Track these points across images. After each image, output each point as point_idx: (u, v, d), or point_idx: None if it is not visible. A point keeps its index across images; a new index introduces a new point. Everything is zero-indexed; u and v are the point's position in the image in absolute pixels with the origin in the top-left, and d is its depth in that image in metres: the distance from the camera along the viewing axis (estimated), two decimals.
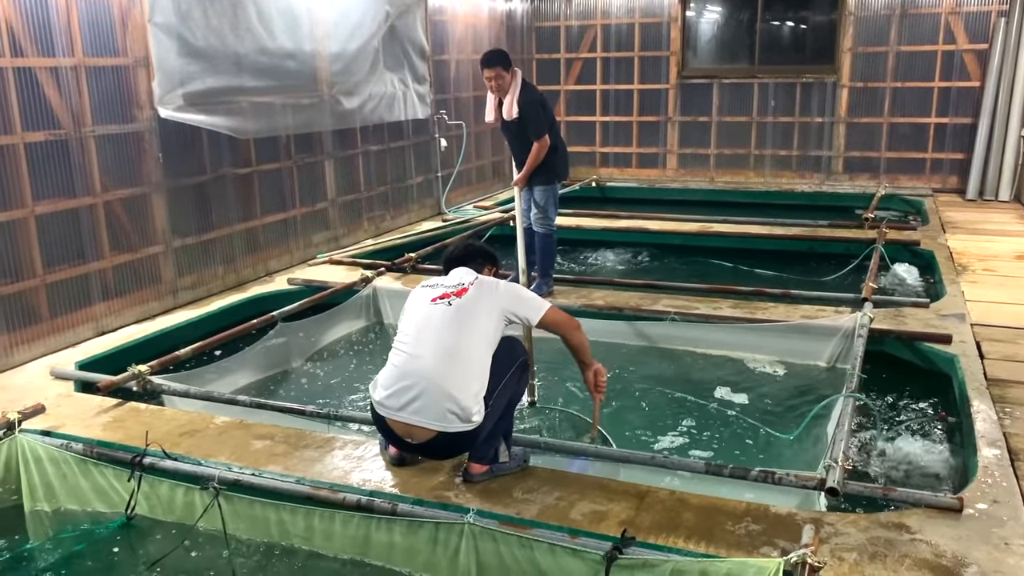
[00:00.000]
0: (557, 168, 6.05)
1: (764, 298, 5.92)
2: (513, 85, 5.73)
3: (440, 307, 3.35)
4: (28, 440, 3.76)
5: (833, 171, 10.60)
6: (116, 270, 5.47)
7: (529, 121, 5.74)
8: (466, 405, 3.19)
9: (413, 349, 3.29)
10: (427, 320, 3.34)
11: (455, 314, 3.32)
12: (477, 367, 3.27)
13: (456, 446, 3.32)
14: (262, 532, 3.38)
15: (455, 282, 3.47)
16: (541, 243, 6.05)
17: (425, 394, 3.20)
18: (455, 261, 3.67)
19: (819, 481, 3.26)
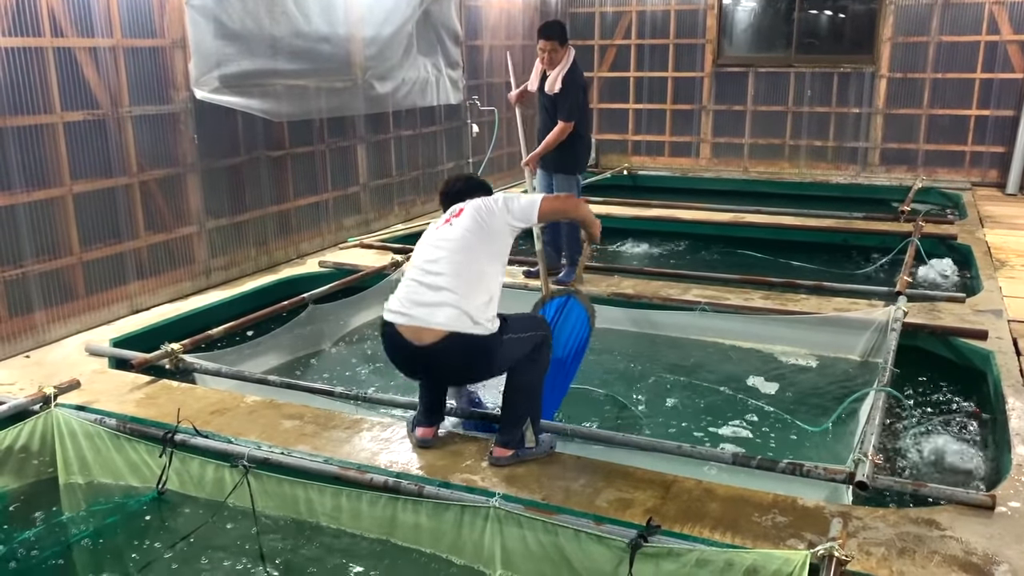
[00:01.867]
0: (580, 158, 6.03)
1: (796, 290, 5.86)
2: (564, 61, 5.71)
3: (444, 229, 3.46)
4: (63, 414, 3.83)
5: (869, 163, 10.44)
6: (151, 249, 5.54)
7: (565, 100, 5.72)
8: (475, 311, 3.24)
9: (421, 266, 3.40)
10: (433, 243, 3.45)
11: (457, 232, 3.41)
12: (486, 279, 3.35)
13: (467, 355, 3.29)
14: (290, 510, 3.42)
15: (454, 210, 3.56)
16: (568, 232, 6.02)
17: (435, 301, 3.27)
18: (455, 196, 3.68)
19: (848, 475, 3.23)
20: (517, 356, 3.36)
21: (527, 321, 3.51)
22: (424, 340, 3.26)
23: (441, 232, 3.47)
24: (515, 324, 3.39)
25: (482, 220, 3.44)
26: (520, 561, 3.06)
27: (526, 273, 6.10)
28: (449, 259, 3.35)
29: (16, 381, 4.30)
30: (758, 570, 2.68)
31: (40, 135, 4.76)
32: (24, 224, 4.72)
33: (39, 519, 3.50)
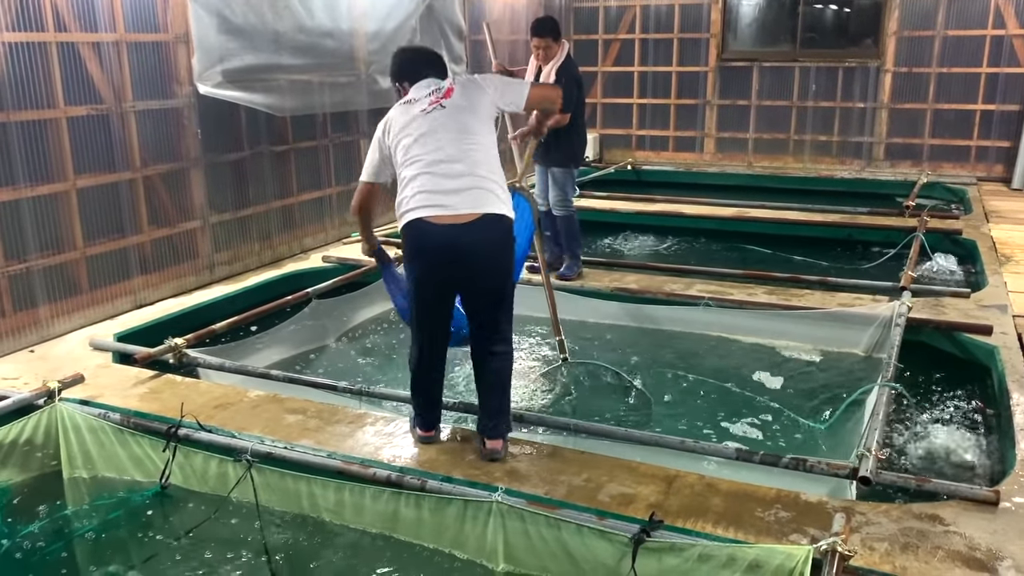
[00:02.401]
0: (576, 151, 6.02)
1: (800, 285, 5.85)
2: (558, 56, 5.71)
3: (435, 112, 3.32)
4: (67, 409, 3.84)
5: (874, 158, 10.42)
6: (154, 244, 5.54)
7: (563, 95, 5.68)
8: (499, 190, 3.28)
9: (432, 156, 3.25)
10: (430, 127, 3.29)
11: (454, 113, 3.32)
12: (492, 159, 3.35)
13: (502, 238, 3.30)
14: (293, 505, 3.42)
15: (433, 88, 3.41)
16: (565, 226, 6.02)
17: (460, 187, 3.22)
18: (425, 66, 3.52)
19: (851, 470, 3.23)
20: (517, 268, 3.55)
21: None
22: (462, 221, 3.19)
23: (435, 116, 3.30)
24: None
25: (477, 100, 3.38)
26: (523, 556, 3.06)
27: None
28: (457, 144, 3.25)
29: (20, 376, 4.31)
30: (761, 565, 2.67)
31: (44, 130, 4.77)
32: (28, 219, 4.73)
33: (43, 513, 3.51)
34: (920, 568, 2.69)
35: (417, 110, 3.35)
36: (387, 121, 3.46)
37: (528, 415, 3.96)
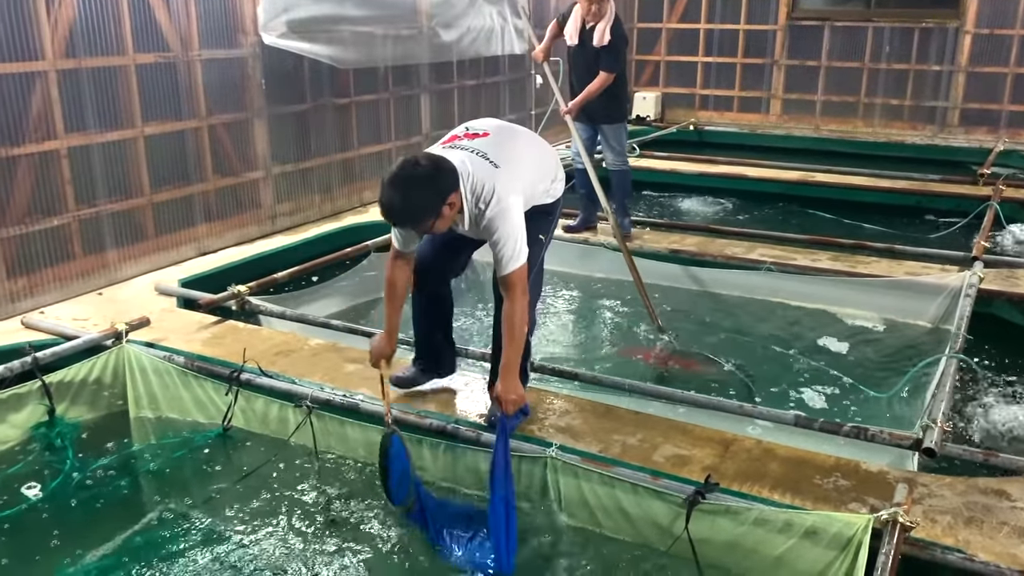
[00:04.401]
0: (625, 106, 6.09)
1: (866, 252, 5.70)
2: (609, 14, 5.65)
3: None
4: (134, 350, 3.95)
5: (948, 123, 10.02)
6: (218, 193, 5.63)
7: (615, 53, 5.72)
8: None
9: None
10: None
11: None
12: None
13: None
14: (350, 451, 3.49)
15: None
16: (619, 180, 5.98)
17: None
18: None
19: (915, 441, 3.15)
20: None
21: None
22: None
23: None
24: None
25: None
26: (577, 510, 3.07)
27: (566, 228, 6.07)
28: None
29: (90, 317, 4.44)
30: (818, 532, 2.64)
31: (113, 76, 4.84)
32: (98, 164, 4.83)
33: (111, 449, 3.63)
34: (984, 543, 2.62)
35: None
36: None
37: (583, 374, 3.94)
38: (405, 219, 2.87)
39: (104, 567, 2.89)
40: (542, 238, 3.28)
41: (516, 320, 3.00)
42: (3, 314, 4.41)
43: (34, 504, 3.25)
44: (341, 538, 3.05)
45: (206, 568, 2.89)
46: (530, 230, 3.05)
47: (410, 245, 3.17)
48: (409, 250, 3.18)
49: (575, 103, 5.78)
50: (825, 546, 2.62)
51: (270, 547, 2.98)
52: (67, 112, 4.61)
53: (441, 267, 3.39)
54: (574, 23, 5.78)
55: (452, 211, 2.87)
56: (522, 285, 2.98)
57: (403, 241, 3.16)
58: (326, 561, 2.92)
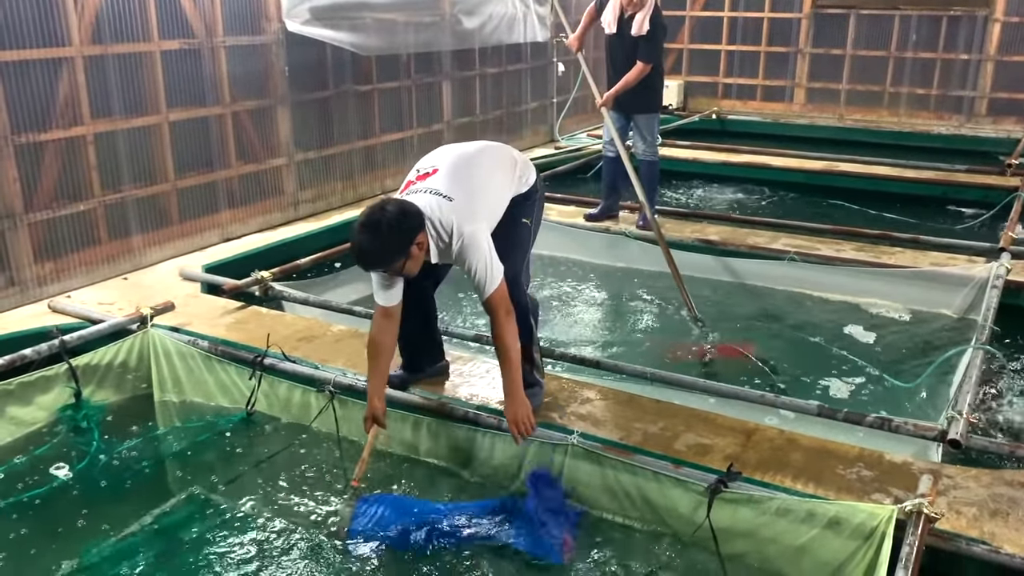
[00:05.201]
0: (660, 97, 6.08)
1: (891, 242, 5.64)
2: (649, 3, 5.64)
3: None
4: (159, 334, 3.99)
5: (975, 113, 9.88)
6: (242, 179, 5.66)
7: (653, 44, 5.69)
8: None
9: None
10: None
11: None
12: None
13: None
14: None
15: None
16: (648, 171, 5.94)
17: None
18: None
19: (940, 432, 3.13)
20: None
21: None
22: None
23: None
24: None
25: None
26: (597, 498, 3.07)
27: (587, 216, 6.06)
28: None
29: (115, 301, 4.48)
30: (841, 522, 2.63)
31: (139, 63, 4.87)
32: (123, 150, 4.87)
33: (136, 432, 3.67)
34: (1010, 536, 2.60)
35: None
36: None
37: (605, 362, 3.94)
38: (376, 261, 2.90)
39: (130, 547, 2.93)
40: (526, 221, 3.27)
41: (508, 342, 3.05)
42: (31, 298, 4.47)
43: (62, 484, 3.30)
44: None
45: (229, 549, 2.92)
46: (513, 216, 3.16)
47: (392, 298, 3.11)
48: (393, 304, 3.12)
49: (611, 93, 5.75)
50: (848, 536, 2.60)
51: (292, 531, 3.01)
52: (93, 98, 4.65)
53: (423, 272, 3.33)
54: (612, 11, 5.75)
55: (420, 251, 2.93)
56: (505, 306, 3.03)
57: (385, 293, 3.11)
58: (348, 546, 2.93)
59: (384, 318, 3.16)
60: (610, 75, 5.89)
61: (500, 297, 3.01)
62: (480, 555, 2.90)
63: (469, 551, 2.92)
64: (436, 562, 2.88)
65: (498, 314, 3.02)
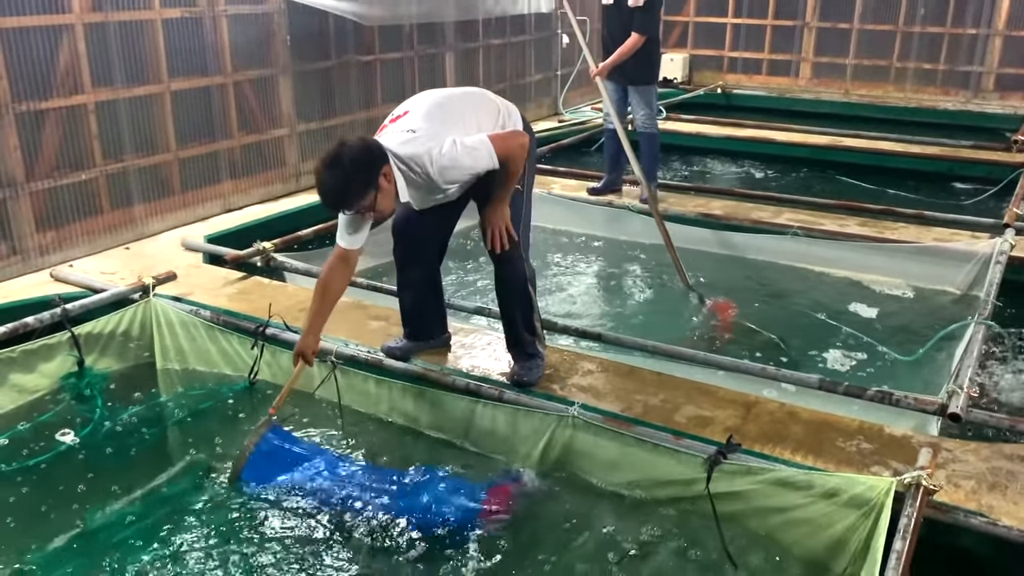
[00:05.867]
0: (656, 67, 6.01)
1: (895, 218, 5.62)
2: None
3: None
4: (161, 304, 3.99)
5: (983, 89, 9.82)
6: (243, 150, 5.64)
7: (649, 14, 5.65)
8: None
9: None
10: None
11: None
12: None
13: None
14: (373, 407, 3.52)
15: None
16: (648, 144, 5.91)
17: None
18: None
19: (940, 406, 3.13)
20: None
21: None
22: None
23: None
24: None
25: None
26: (597, 469, 3.09)
27: (591, 191, 6.04)
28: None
29: (117, 271, 4.48)
30: (840, 493, 2.64)
31: (140, 31, 4.84)
32: (124, 119, 4.85)
33: (139, 400, 3.69)
34: (1008, 508, 2.61)
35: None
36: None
37: (607, 334, 3.94)
38: (344, 198, 2.82)
39: (133, 512, 2.95)
40: (518, 187, 3.15)
41: (509, 168, 2.98)
42: (33, 267, 4.47)
43: (66, 450, 3.32)
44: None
45: (231, 515, 2.94)
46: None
47: (355, 242, 3.05)
48: (354, 248, 3.07)
49: (606, 64, 5.71)
50: (847, 507, 2.62)
51: (295, 498, 3.02)
52: (94, 66, 4.62)
53: (428, 235, 3.34)
54: None
55: (390, 184, 2.85)
56: (508, 145, 2.95)
57: (350, 236, 3.04)
58: (350, 513, 2.95)
59: (341, 261, 3.10)
60: (607, 46, 5.84)
61: (503, 149, 2.94)
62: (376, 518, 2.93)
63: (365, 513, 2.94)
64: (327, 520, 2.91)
65: (511, 156, 2.95)
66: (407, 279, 3.45)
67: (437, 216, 3.28)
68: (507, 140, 2.99)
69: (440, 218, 3.31)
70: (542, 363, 3.44)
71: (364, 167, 2.78)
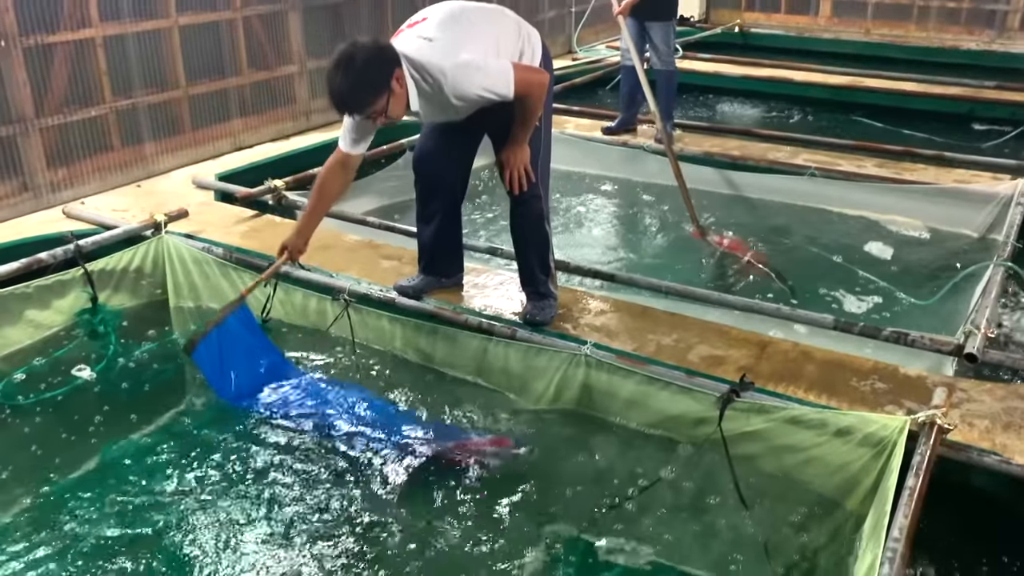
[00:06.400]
0: (674, 4, 5.86)
1: (914, 159, 5.53)
2: None
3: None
4: (173, 241, 3.98)
5: (1008, 28, 9.56)
6: (253, 88, 5.57)
7: None
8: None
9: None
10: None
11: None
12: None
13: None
14: (387, 344, 3.53)
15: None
16: (665, 82, 5.80)
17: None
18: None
19: (956, 346, 3.11)
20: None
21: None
22: None
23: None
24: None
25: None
26: (610, 407, 3.09)
27: (605, 130, 5.96)
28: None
29: (128, 208, 4.47)
30: (853, 432, 2.63)
31: None
32: (133, 55, 4.79)
33: (152, 336, 3.71)
34: (1021, 447, 2.60)
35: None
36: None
37: (620, 275, 3.92)
38: (356, 99, 2.72)
39: (149, 446, 2.99)
40: (536, 124, 3.07)
41: (528, 106, 2.90)
42: (45, 204, 4.47)
43: (82, 385, 3.35)
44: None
45: (245, 449, 2.98)
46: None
47: (358, 147, 3.02)
48: (356, 151, 3.02)
49: (626, 4, 5.56)
50: (859, 445, 2.61)
51: (309, 432, 3.05)
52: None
53: (449, 170, 3.31)
54: None
55: (402, 89, 2.75)
56: (529, 83, 2.86)
57: (353, 138, 2.99)
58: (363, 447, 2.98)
59: (340, 165, 3.07)
60: None
61: (522, 82, 2.83)
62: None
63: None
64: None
65: (530, 93, 2.86)
66: (427, 214, 3.44)
67: (458, 151, 3.26)
68: (528, 74, 2.90)
69: (461, 152, 3.28)
70: (555, 303, 3.43)
71: (376, 69, 2.68)
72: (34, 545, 2.55)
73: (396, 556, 2.54)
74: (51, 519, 2.66)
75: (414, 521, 2.69)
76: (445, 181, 3.34)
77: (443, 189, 3.35)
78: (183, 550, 2.55)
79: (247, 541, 2.59)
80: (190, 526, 2.64)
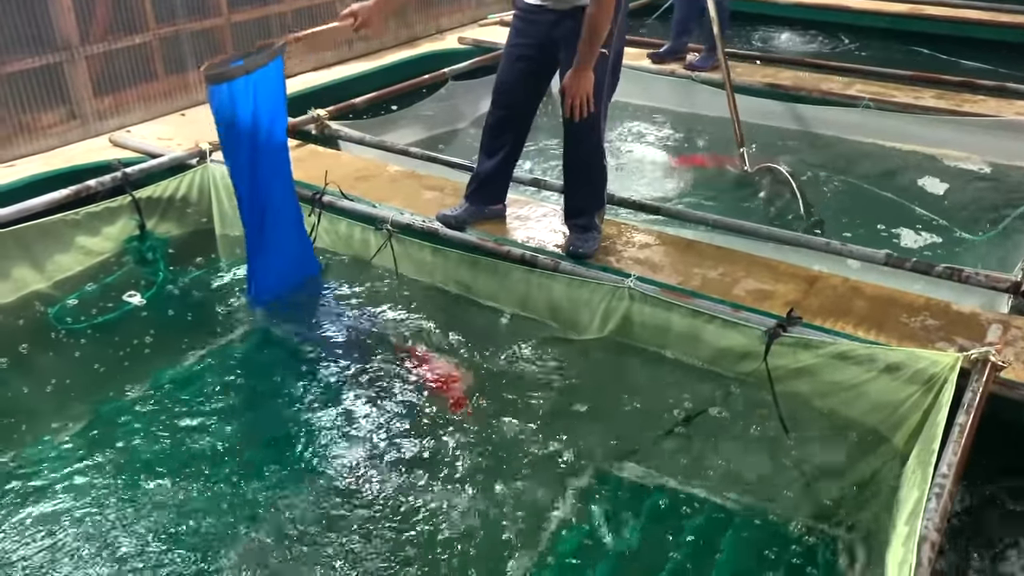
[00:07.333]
0: None
1: (974, 90, 5.31)
2: None
3: None
4: (219, 169, 3.97)
5: None
6: (295, 15, 5.50)
7: None
8: None
9: None
10: None
11: None
12: None
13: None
14: (428, 275, 3.53)
15: None
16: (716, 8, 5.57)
17: None
18: None
19: (1013, 283, 3.02)
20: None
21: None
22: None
23: None
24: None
25: None
26: (653, 339, 3.07)
27: (652, 56, 5.78)
28: None
29: (173, 136, 4.48)
30: (902, 367, 2.58)
31: None
32: None
33: (200, 264, 3.76)
34: None
35: None
36: None
37: (665, 207, 3.85)
38: None
39: (197, 372, 3.06)
40: (604, 51, 3.01)
41: (599, 21, 2.88)
42: (91, 132, 4.50)
43: (132, 310, 3.42)
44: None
45: (289, 377, 3.03)
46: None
47: None
48: None
49: None
50: (910, 383, 2.57)
51: (353, 362, 3.09)
52: None
53: (526, 103, 3.34)
54: None
55: None
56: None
57: None
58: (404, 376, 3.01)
59: None
60: None
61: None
62: None
63: None
64: None
65: (600, 4, 2.85)
66: (496, 146, 3.42)
67: (534, 81, 3.30)
68: (609, 9, 2.86)
69: (537, 83, 3.32)
70: (598, 235, 3.39)
71: None
72: (88, 463, 2.63)
73: (446, 483, 2.58)
74: (104, 437, 2.74)
75: (459, 451, 2.73)
76: (520, 113, 3.36)
77: (517, 120, 3.37)
78: (228, 469, 2.61)
79: (290, 461, 2.65)
80: (235, 446, 2.70)
